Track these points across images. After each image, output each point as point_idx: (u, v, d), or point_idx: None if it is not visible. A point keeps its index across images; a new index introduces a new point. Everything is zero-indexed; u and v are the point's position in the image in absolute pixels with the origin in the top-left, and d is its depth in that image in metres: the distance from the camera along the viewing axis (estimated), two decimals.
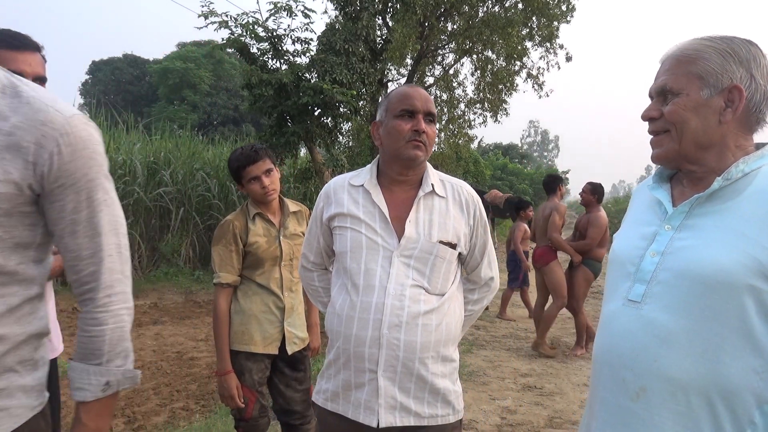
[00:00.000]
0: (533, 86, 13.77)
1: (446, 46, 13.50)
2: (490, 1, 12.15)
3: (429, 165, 1.67)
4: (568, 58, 13.66)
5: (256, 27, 9.16)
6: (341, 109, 9.69)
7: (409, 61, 12.79)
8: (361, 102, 10.64)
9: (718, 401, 1.00)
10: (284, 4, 9.12)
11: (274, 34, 9.38)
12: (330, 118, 9.92)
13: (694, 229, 1.08)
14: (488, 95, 13.40)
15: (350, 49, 9.79)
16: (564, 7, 12.54)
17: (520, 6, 12.04)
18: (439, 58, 14.10)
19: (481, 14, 12.08)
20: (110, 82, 34.46)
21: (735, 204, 1.05)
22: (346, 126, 11.82)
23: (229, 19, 9.04)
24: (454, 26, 12.78)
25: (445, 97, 14.06)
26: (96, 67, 35.31)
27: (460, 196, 1.65)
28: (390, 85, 12.62)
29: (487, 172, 24.62)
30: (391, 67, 12.47)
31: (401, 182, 1.63)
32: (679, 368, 1.02)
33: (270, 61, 9.63)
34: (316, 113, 9.63)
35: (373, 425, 1.51)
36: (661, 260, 1.09)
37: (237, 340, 2.30)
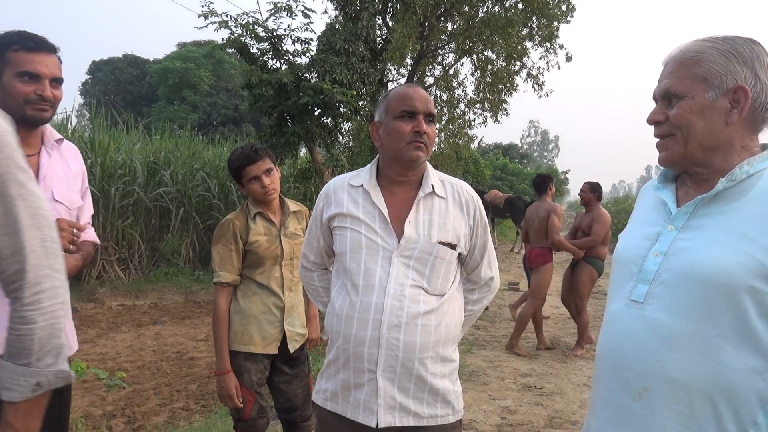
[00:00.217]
0: (533, 86, 13.74)
1: (446, 46, 13.48)
2: (490, 1, 12.13)
3: (429, 165, 1.67)
4: (568, 58, 13.64)
5: (256, 27, 9.15)
6: (341, 109, 9.68)
7: (409, 61, 12.77)
8: (361, 102, 10.61)
9: (721, 402, 1.00)
10: (284, 4, 9.11)
11: (274, 34, 9.37)
12: (330, 118, 9.91)
13: (697, 229, 1.08)
14: (488, 95, 13.37)
15: (350, 49, 9.78)
16: (564, 7, 12.51)
17: (520, 6, 12.01)
18: (439, 58, 14.08)
19: (481, 14, 12.05)
20: (110, 82, 34.40)
21: (739, 205, 1.04)
22: (346, 126, 11.80)
23: (229, 19, 9.03)
24: (454, 26, 12.75)
25: (445, 97, 14.04)
26: (96, 67, 35.25)
27: (460, 197, 1.65)
28: (390, 85, 12.60)
29: (487, 172, 24.60)
30: (391, 67, 12.45)
31: (401, 183, 1.63)
32: (681, 369, 1.02)
33: (270, 61, 9.62)
34: (316, 113, 9.62)
35: (373, 425, 1.51)
36: (664, 261, 1.09)
37: (236, 340, 2.30)
